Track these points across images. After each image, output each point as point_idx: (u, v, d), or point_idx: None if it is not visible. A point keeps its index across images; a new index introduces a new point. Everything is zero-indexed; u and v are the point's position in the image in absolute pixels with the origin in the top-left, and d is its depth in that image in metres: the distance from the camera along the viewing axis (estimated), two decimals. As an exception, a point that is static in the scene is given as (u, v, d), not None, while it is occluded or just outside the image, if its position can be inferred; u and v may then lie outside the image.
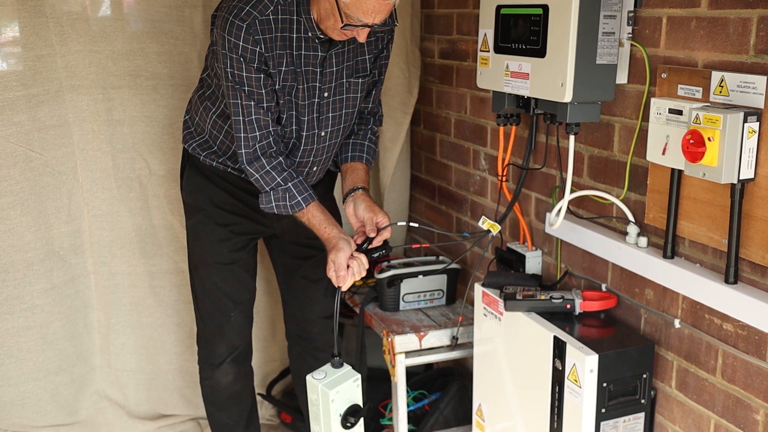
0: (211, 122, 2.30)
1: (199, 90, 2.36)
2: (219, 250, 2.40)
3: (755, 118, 1.59)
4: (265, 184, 2.16)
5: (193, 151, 2.36)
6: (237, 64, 2.05)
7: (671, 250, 1.85)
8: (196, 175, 2.37)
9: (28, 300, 2.72)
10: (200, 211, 2.39)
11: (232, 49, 2.03)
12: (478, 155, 2.75)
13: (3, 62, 2.54)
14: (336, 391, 1.91)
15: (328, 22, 2.03)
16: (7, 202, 2.62)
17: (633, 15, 1.91)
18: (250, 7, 2.02)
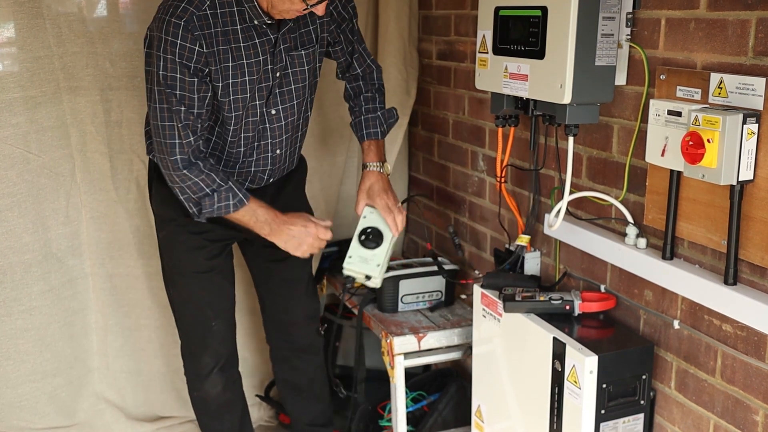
0: None
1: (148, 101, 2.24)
2: (195, 259, 2.36)
3: (754, 120, 1.59)
4: (206, 186, 2.11)
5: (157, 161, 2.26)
6: (171, 65, 1.99)
7: (670, 251, 1.86)
8: (164, 186, 2.26)
9: (26, 302, 2.71)
10: (172, 221, 2.34)
11: (167, 50, 1.98)
12: (476, 156, 2.75)
13: (0, 64, 2.54)
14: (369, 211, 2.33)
15: (282, 6, 2.00)
16: (5, 204, 2.61)
17: (632, 16, 1.92)
18: (186, 4, 1.98)
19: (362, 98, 2.43)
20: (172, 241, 2.38)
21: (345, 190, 3.16)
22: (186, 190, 2.11)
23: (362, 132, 2.41)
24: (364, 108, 2.42)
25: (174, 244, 2.37)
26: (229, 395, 2.56)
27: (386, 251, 2.35)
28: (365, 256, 2.35)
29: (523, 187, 2.47)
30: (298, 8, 2.01)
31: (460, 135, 2.85)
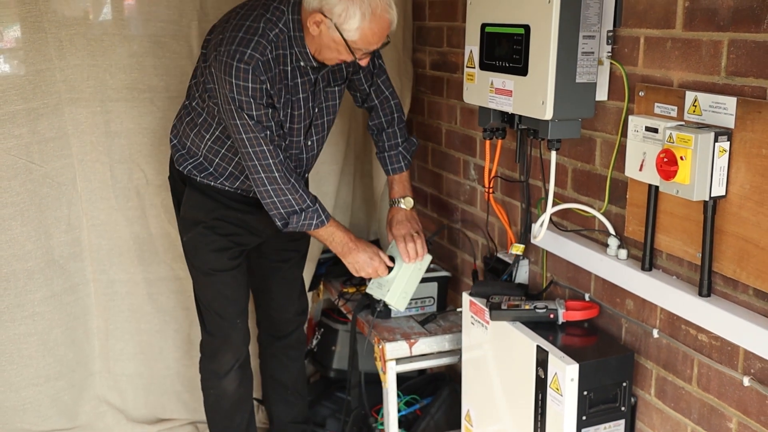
0: (206, 148, 2.41)
1: (186, 117, 2.44)
2: (220, 259, 2.49)
3: (726, 138, 1.64)
4: (296, 204, 2.29)
5: (189, 173, 2.44)
6: (247, 105, 2.17)
7: (649, 262, 1.91)
8: (197, 193, 2.46)
9: (29, 308, 2.79)
10: (199, 223, 2.46)
11: (241, 92, 2.15)
12: (467, 165, 2.81)
13: (3, 77, 2.61)
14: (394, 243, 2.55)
15: (329, 54, 2.21)
16: (8, 213, 2.68)
17: (612, 34, 1.97)
18: (252, 50, 2.14)
19: (384, 135, 2.60)
20: (198, 242, 2.49)
21: (340, 197, 3.22)
22: (278, 205, 2.28)
23: (387, 167, 2.61)
24: (387, 144, 2.59)
25: (200, 245, 2.49)
26: (242, 392, 2.68)
27: (399, 277, 2.50)
28: (381, 282, 2.53)
29: (513, 196, 2.53)
30: (346, 59, 2.21)
31: (452, 144, 2.91)
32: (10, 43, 2.63)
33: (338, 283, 3.04)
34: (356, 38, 2.13)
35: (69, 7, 2.67)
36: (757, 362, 1.67)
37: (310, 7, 2.15)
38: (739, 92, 1.64)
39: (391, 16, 2.16)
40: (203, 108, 2.35)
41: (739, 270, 1.67)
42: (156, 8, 2.78)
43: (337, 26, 2.12)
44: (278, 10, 2.20)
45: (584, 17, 1.89)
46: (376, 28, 2.14)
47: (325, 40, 2.17)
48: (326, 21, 2.12)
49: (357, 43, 2.14)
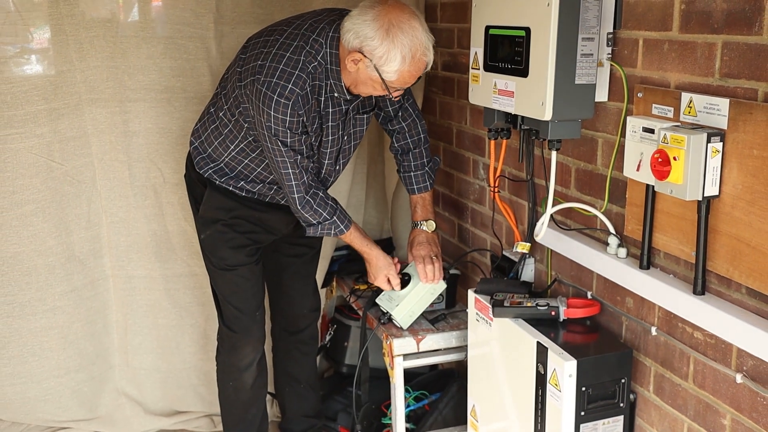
0: (229, 156, 2.49)
1: (211, 125, 2.50)
2: (238, 255, 2.57)
3: (719, 139, 1.67)
4: (313, 219, 2.42)
5: (210, 177, 2.52)
6: (282, 134, 2.26)
7: (647, 261, 1.94)
8: (217, 194, 2.53)
9: (50, 302, 2.88)
10: (218, 221, 2.54)
11: (278, 124, 2.24)
12: (477, 165, 2.85)
13: (26, 78, 2.70)
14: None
15: (365, 89, 2.30)
16: (30, 210, 2.78)
17: (612, 36, 2.00)
18: (292, 85, 2.22)
19: (411, 155, 2.68)
20: (217, 240, 2.56)
21: (353, 195, 3.28)
22: (305, 215, 2.42)
23: (413, 186, 2.70)
24: (413, 164, 2.68)
25: (219, 242, 2.56)
26: (259, 385, 2.77)
27: (411, 295, 2.59)
28: (392, 296, 2.62)
29: (520, 195, 2.56)
30: (380, 94, 2.31)
31: (462, 144, 2.95)
32: (33, 45, 2.72)
33: (350, 280, 3.10)
34: (394, 79, 2.22)
35: (89, 10, 2.75)
36: (750, 360, 1.69)
37: (349, 45, 2.21)
38: (732, 94, 1.66)
39: (428, 59, 2.24)
40: (230, 120, 2.42)
41: (732, 269, 1.69)
42: (173, 11, 2.85)
43: (376, 67, 2.19)
44: (317, 43, 2.26)
45: (583, 20, 1.93)
46: (414, 70, 2.23)
47: (362, 77, 2.25)
48: (365, 60, 2.19)
49: (394, 83, 2.23)
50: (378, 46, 2.17)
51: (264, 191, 2.54)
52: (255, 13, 2.95)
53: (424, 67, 2.26)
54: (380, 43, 2.16)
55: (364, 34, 2.18)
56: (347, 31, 2.21)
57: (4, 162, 2.72)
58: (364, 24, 2.18)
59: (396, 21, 2.17)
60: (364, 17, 2.19)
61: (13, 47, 2.68)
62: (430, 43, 2.23)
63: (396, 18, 2.17)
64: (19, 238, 2.79)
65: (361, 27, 2.18)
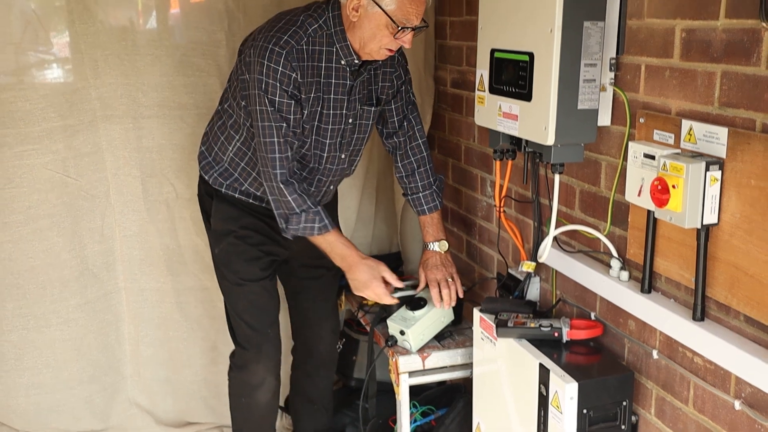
0: (234, 150, 2.49)
1: (218, 121, 2.54)
2: (252, 269, 2.56)
3: (717, 167, 1.68)
4: (297, 205, 2.34)
5: (214, 182, 2.54)
6: (272, 89, 2.24)
7: (648, 285, 1.95)
8: (224, 204, 2.55)
9: (64, 314, 2.94)
10: (230, 234, 2.55)
11: (270, 75, 2.23)
12: (484, 182, 2.87)
13: (43, 96, 2.75)
14: None
15: (373, 43, 2.27)
16: (45, 224, 2.84)
17: (615, 61, 2.02)
18: (288, 37, 2.25)
19: (417, 175, 2.66)
20: (230, 253, 2.56)
21: (362, 210, 3.31)
22: (281, 204, 2.34)
23: (422, 207, 2.67)
24: (420, 185, 2.67)
25: (232, 255, 2.56)
26: (273, 402, 2.74)
27: (425, 319, 2.59)
28: (405, 316, 2.62)
29: (526, 214, 2.58)
30: (390, 45, 2.27)
31: (470, 161, 2.98)
32: (49, 65, 2.78)
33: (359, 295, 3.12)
34: (394, 6, 2.19)
35: (105, 30, 2.80)
36: (748, 387, 1.70)
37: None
38: (731, 123, 1.67)
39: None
40: (234, 110, 2.43)
41: (730, 296, 1.71)
42: (186, 30, 2.91)
43: (375, 1, 2.19)
44: (319, 8, 2.32)
45: (586, 46, 1.94)
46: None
47: (366, 23, 2.24)
48: (363, 0, 2.21)
49: (396, 12, 2.20)
50: None
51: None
52: (267, 31, 2.99)
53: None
54: None
55: None
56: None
57: (21, 177, 2.78)
58: None
59: None
60: None
61: (34, 54, 2.74)
62: None
63: None
64: (34, 252, 2.85)
65: None
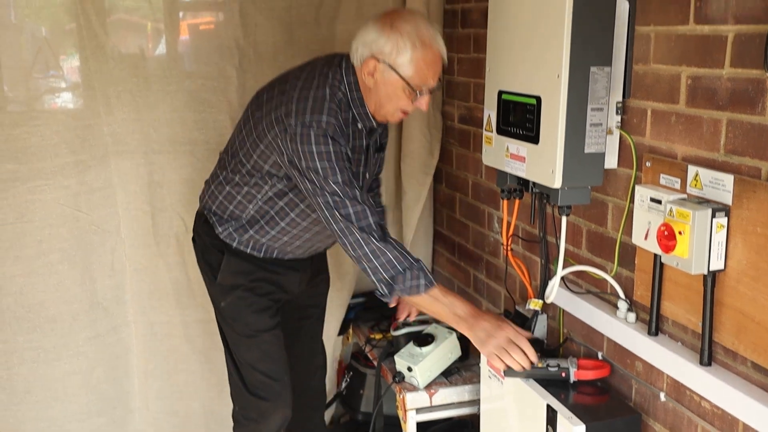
0: (255, 209, 2.40)
1: (231, 180, 2.42)
2: (262, 319, 2.50)
3: (723, 214, 1.70)
4: (399, 263, 2.18)
5: (227, 237, 2.46)
6: (332, 172, 2.14)
7: (655, 328, 1.96)
8: (237, 259, 2.47)
9: (74, 347, 2.96)
10: (238, 287, 2.48)
11: (323, 159, 2.13)
12: (492, 218, 2.89)
13: (56, 132, 2.79)
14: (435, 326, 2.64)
15: (389, 105, 2.24)
16: (57, 258, 2.86)
17: (621, 105, 2.04)
18: (327, 116, 2.16)
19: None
20: (239, 306, 2.49)
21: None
22: (380, 269, 2.17)
23: None
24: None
25: (241, 308, 2.49)
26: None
27: (434, 353, 2.59)
28: (413, 352, 2.61)
29: (533, 251, 2.60)
30: (405, 106, 2.26)
31: (478, 196, 3.00)
32: (60, 92, 2.82)
33: (366, 329, 3.14)
34: (412, 72, 2.17)
35: (118, 66, 2.85)
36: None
37: (361, 59, 2.21)
38: (737, 170, 1.69)
39: (439, 44, 2.20)
40: (251, 178, 2.36)
41: (737, 342, 1.72)
42: (197, 66, 2.95)
43: (391, 65, 2.17)
44: (337, 74, 2.25)
45: (592, 91, 1.97)
46: (429, 57, 2.18)
47: (382, 87, 2.21)
48: (379, 65, 2.18)
49: (413, 78, 2.18)
50: (386, 42, 2.16)
51: (285, 248, 2.47)
52: (277, 67, 3.01)
53: (439, 58, 2.21)
54: (387, 38, 2.16)
55: (371, 39, 2.18)
56: (355, 49, 2.23)
57: (33, 212, 2.80)
58: (367, 33, 2.20)
59: (396, 16, 2.20)
60: (365, 29, 2.22)
61: (44, 80, 2.78)
62: (436, 32, 2.20)
63: (395, 15, 2.21)
64: (45, 286, 2.87)
65: (365, 36, 2.20)
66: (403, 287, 2.19)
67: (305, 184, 2.19)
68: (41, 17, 2.80)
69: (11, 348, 2.88)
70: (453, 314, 2.23)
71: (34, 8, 2.76)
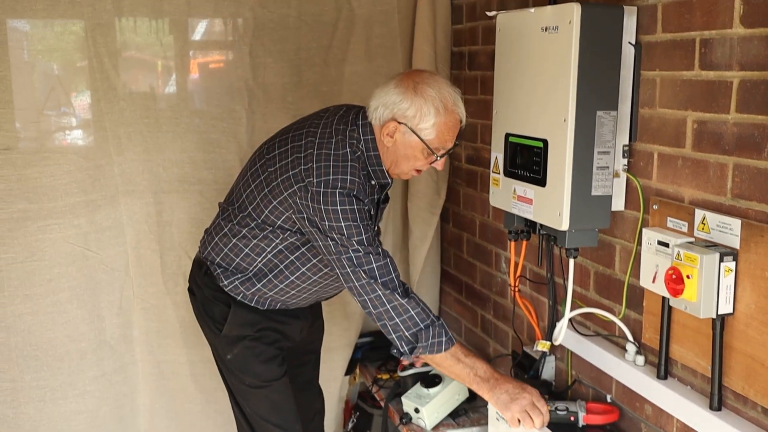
0: (263, 261, 2.32)
1: (238, 233, 2.33)
2: (271, 368, 2.43)
3: (731, 258, 1.70)
4: (421, 320, 2.14)
5: (233, 290, 2.38)
6: (356, 231, 2.11)
7: (664, 371, 1.96)
8: (243, 311, 2.40)
9: (81, 386, 2.95)
10: (245, 338, 2.41)
11: (348, 219, 2.10)
12: (499, 258, 2.90)
13: (67, 172, 2.82)
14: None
15: (406, 164, 2.23)
16: (65, 297, 2.87)
17: (628, 148, 2.06)
18: (350, 176, 2.13)
19: None
20: (246, 357, 2.41)
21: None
22: (401, 325, 2.14)
23: None
24: None
25: (249, 358, 2.41)
26: None
27: (443, 394, 2.61)
28: (420, 393, 2.62)
29: (541, 292, 2.60)
30: (422, 166, 2.25)
31: (485, 236, 3.01)
32: (71, 130, 2.86)
33: (373, 368, 3.13)
34: (433, 136, 2.16)
35: (129, 107, 2.88)
36: (767, 479, 1.69)
37: (381, 120, 2.18)
38: (744, 215, 1.70)
39: (460, 109, 2.20)
40: (261, 231, 2.29)
41: (747, 387, 1.71)
42: (206, 106, 2.98)
43: (412, 129, 2.16)
44: (355, 131, 2.22)
45: (599, 134, 1.99)
46: (450, 122, 2.18)
47: (401, 148, 2.19)
48: (400, 127, 2.16)
49: (434, 141, 2.17)
50: (409, 106, 2.15)
51: (294, 296, 2.41)
52: (286, 108, 3.07)
53: (458, 122, 2.21)
54: (410, 102, 2.15)
55: (392, 101, 2.16)
56: (375, 108, 2.20)
57: (42, 251, 2.82)
58: (388, 93, 2.18)
59: (419, 79, 2.18)
60: (386, 89, 2.19)
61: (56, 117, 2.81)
62: (458, 96, 2.21)
63: (417, 76, 2.19)
64: (53, 324, 2.88)
65: (386, 97, 2.18)
66: (425, 345, 2.13)
67: (326, 242, 2.14)
68: (53, 56, 2.85)
69: (18, 387, 2.88)
70: (474, 375, 2.17)
71: (46, 46, 2.81)
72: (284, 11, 3.02)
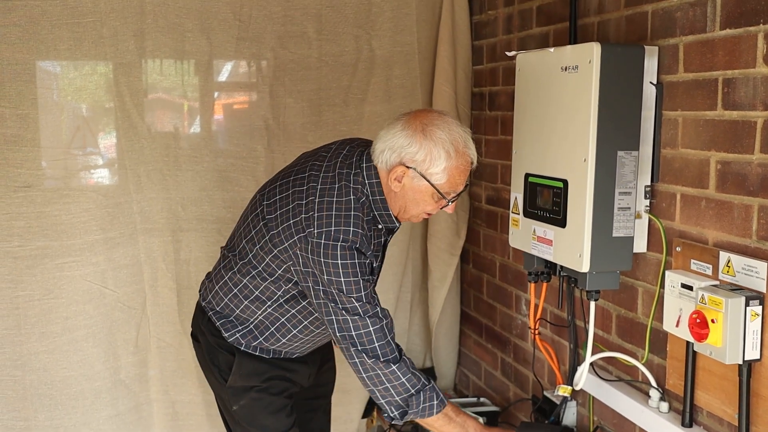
0: (263, 314, 2.23)
1: (239, 283, 2.23)
2: (279, 419, 2.32)
3: (758, 302, 1.65)
4: (412, 386, 2.07)
5: (235, 341, 2.28)
6: (355, 286, 2.01)
7: (689, 419, 1.89)
8: (248, 360, 2.29)
9: (95, 426, 2.92)
10: (252, 388, 2.30)
11: (348, 274, 2.00)
12: (519, 300, 2.85)
13: (86, 210, 2.83)
14: None
15: (415, 209, 2.11)
16: (81, 335, 2.86)
17: (650, 189, 2.03)
18: (353, 227, 2.02)
19: None
20: (254, 408, 2.31)
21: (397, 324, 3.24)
22: (392, 391, 2.05)
23: None
24: None
25: (256, 410, 2.31)
26: None
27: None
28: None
29: (562, 335, 2.54)
30: (431, 210, 2.13)
31: (505, 278, 2.96)
32: (95, 169, 2.88)
33: (391, 412, 3.06)
34: (444, 180, 2.04)
35: (149, 145, 2.90)
36: None
37: (388, 164, 2.06)
38: (770, 257, 1.66)
39: (471, 150, 2.08)
40: (262, 281, 2.18)
41: (776, 436, 1.65)
42: (226, 145, 3.00)
43: (422, 174, 2.03)
44: (359, 176, 2.09)
45: (620, 175, 1.96)
46: (462, 165, 2.06)
47: (410, 193, 2.07)
48: (409, 172, 2.04)
49: (444, 186, 2.05)
50: (418, 150, 2.01)
51: (298, 348, 2.31)
52: (305, 147, 3.03)
53: (470, 164, 2.08)
54: (419, 146, 2.01)
55: (400, 145, 2.03)
56: (381, 152, 2.07)
57: (60, 288, 2.82)
58: (395, 137, 2.04)
59: (427, 120, 2.04)
60: (393, 131, 2.06)
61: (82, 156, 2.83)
62: (468, 136, 2.08)
63: (425, 117, 2.06)
64: (69, 363, 2.86)
65: (393, 140, 2.04)
66: (416, 410, 2.07)
67: (319, 296, 2.05)
68: (81, 96, 2.87)
69: (32, 425, 2.86)
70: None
71: (75, 88, 2.84)
72: (305, 52, 3.05)
